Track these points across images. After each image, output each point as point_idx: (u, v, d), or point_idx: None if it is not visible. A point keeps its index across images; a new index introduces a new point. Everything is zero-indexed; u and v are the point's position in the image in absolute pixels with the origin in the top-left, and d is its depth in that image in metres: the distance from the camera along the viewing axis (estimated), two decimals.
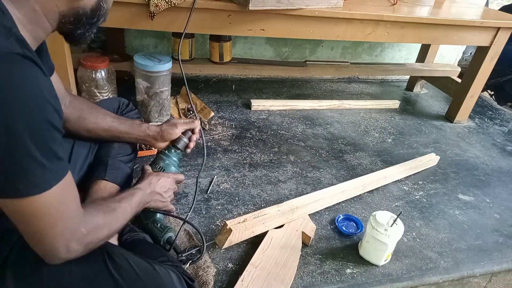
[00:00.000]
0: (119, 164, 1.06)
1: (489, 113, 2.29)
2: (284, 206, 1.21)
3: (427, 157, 1.66)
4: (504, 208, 1.47)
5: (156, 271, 0.76)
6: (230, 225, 1.07)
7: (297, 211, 1.22)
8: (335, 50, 2.41)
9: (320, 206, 1.30)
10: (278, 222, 1.18)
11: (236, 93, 2.08)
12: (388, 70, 2.24)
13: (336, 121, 1.93)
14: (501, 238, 1.31)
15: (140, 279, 0.73)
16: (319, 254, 1.13)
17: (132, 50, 2.04)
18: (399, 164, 1.58)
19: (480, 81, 1.95)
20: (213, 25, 1.41)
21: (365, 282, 1.07)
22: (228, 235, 1.06)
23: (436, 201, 1.45)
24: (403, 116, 2.09)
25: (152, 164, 1.09)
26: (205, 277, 0.98)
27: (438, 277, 1.13)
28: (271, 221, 1.15)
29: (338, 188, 1.36)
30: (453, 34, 1.75)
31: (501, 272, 1.21)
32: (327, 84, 2.39)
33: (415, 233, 1.27)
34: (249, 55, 2.24)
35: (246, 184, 1.38)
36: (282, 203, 1.23)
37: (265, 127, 1.78)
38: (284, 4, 1.35)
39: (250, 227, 1.11)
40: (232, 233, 1.06)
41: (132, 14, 1.31)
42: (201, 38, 2.09)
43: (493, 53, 1.86)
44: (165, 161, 1.09)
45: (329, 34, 1.57)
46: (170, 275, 0.78)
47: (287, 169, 1.50)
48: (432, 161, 1.66)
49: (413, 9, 1.79)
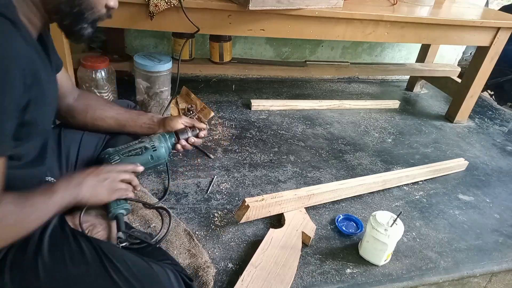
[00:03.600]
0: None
1: (489, 113, 2.28)
2: (301, 192, 1.25)
3: (456, 161, 1.64)
4: (504, 208, 1.47)
5: (153, 270, 0.76)
6: (248, 202, 1.14)
7: (313, 197, 1.25)
8: (335, 50, 2.41)
9: (338, 196, 1.33)
10: (294, 206, 1.23)
11: (236, 93, 2.08)
12: (388, 70, 2.25)
13: (336, 121, 1.93)
14: (501, 238, 1.31)
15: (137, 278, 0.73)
16: (319, 254, 1.13)
17: (132, 50, 2.04)
18: (424, 166, 1.57)
19: (480, 81, 1.95)
20: (213, 25, 1.41)
21: (365, 282, 1.07)
22: (246, 211, 1.13)
23: (436, 201, 1.45)
24: (403, 116, 2.09)
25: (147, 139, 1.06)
26: (205, 277, 0.98)
27: (438, 277, 1.13)
28: (287, 204, 1.22)
29: (356, 181, 1.38)
30: (453, 34, 1.75)
31: (501, 272, 1.21)
32: (327, 84, 2.39)
33: (415, 233, 1.27)
34: (249, 55, 2.24)
35: (246, 184, 1.38)
36: (300, 189, 1.27)
37: (265, 127, 1.78)
38: (284, 4, 1.35)
39: (267, 206, 1.18)
40: (250, 210, 1.13)
41: (132, 14, 1.31)
42: (201, 38, 2.09)
43: (493, 53, 1.86)
44: (161, 142, 1.06)
45: (329, 34, 1.57)
46: (168, 274, 0.78)
47: (287, 169, 1.50)
48: (460, 166, 1.64)
49: (413, 9, 1.79)
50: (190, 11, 1.31)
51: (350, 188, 1.35)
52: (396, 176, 1.46)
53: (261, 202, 1.17)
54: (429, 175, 1.55)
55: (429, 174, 1.55)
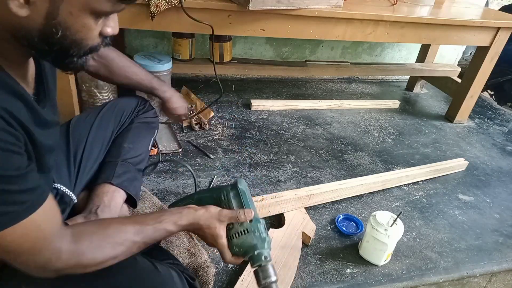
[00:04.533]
0: (128, 167, 1.06)
1: (489, 113, 2.28)
2: (301, 192, 1.26)
3: (456, 161, 1.64)
4: (504, 208, 1.47)
5: (158, 269, 0.76)
6: None
7: (314, 197, 1.26)
8: (335, 50, 2.41)
9: (338, 196, 1.34)
10: (294, 206, 1.24)
11: (236, 93, 2.08)
12: (388, 70, 2.25)
13: (336, 121, 1.93)
14: (501, 238, 1.31)
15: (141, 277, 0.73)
16: (319, 254, 1.14)
17: (132, 50, 2.04)
18: (424, 166, 1.57)
19: (480, 81, 1.94)
20: (213, 25, 1.41)
21: (365, 282, 1.07)
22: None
23: (436, 201, 1.45)
24: (403, 116, 2.09)
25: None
26: (205, 277, 0.98)
27: (438, 277, 1.13)
28: (287, 204, 1.23)
29: (356, 181, 1.38)
30: (453, 34, 1.75)
31: (501, 272, 1.21)
32: (327, 84, 2.39)
33: (415, 233, 1.27)
34: (249, 55, 2.24)
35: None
36: (299, 189, 1.28)
37: (265, 127, 1.78)
38: (284, 4, 1.35)
39: (267, 206, 1.20)
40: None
41: (132, 14, 1.31)
42: (201, 38, 2.09)
43: (493, 53, 1.85)
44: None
45: (329, 34, 1.57)
46: (172, 274, 0.78)
47: (287, 169, 1.50)
48: (460, 166, 1.64)
49: (413, 9, 1.79)
50: (190, 11, 1.31)
51: (350, 188, 1.35)
52: (396, 176, 1.46)
53: (261, 202, 1.18)
54: (429, 175, 1.55)
55: (429, 174, 1.55)
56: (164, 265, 0.78)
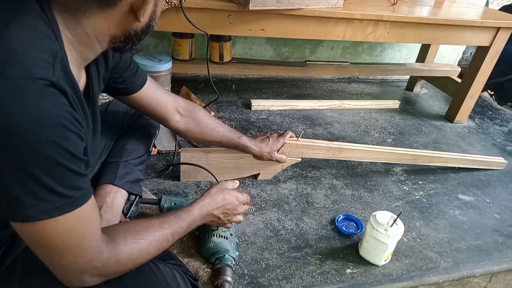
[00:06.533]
0: (131, 168, 1.05)
1: (489, 113, 2.28)
2: (333, 144, 1.37)
3: (496, 159, 1.65)
4: (504, 208, 1.47)
5: (160, 270, 0.76)
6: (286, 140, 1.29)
7: (344, 151, 1.37)
8: (335, 50, 2.41)
9: (367, 157, 1.43)
10: (325, 155, 1.37)
11: (236, 93, 2.08)
12: (388, 70, 2.25)
13: (336, 121, 1.93)
14: (501, 238, 1.31)
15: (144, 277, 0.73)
16: (319, 254, 1.14)
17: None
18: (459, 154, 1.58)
19: (480, 81, 1.94)
20: (213, 25, 1.41)
21: (365, 282, 1.07)
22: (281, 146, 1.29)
23: (436, 201, 1.45)
24: (403, 116, 2.09)
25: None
26: (205, 277, 0.98)
27: (438, 277, 1.13)
28: (318, 151, 1.35)
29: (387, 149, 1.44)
30: (453, 34, 1.75)
31: (501, 272, 1.21)
32: (327, 84, 2.39)
33: (415, 233, 1.27)
34: (249, 55, 2.24)
35: (246, 184, 1.38)
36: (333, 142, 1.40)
37: (265, 127, 1.78)
38: (284, 4, 1.35)
39: (300, 147, 1.32)
40: (285, 146, 1.29)
41: None
42: (201, 38, 2.09)
43: (493, 53, 1.86)
44: None
45: (329, 34, 1.57)
46: (174, 274, 0.78)
47: (287, 169, 1.50)
48: (498, 165, 1.65)
49: (413, 9, 1.79)
50: (190, 11, 1.31)
51: (380, 153, 1.42)
52: (427, 154, 1.49)
53: (296, 142, 1.30)
54: (462, 163, 1.54)
55: (462, 163, 1.54)
56: (166, 266, 0.79)
